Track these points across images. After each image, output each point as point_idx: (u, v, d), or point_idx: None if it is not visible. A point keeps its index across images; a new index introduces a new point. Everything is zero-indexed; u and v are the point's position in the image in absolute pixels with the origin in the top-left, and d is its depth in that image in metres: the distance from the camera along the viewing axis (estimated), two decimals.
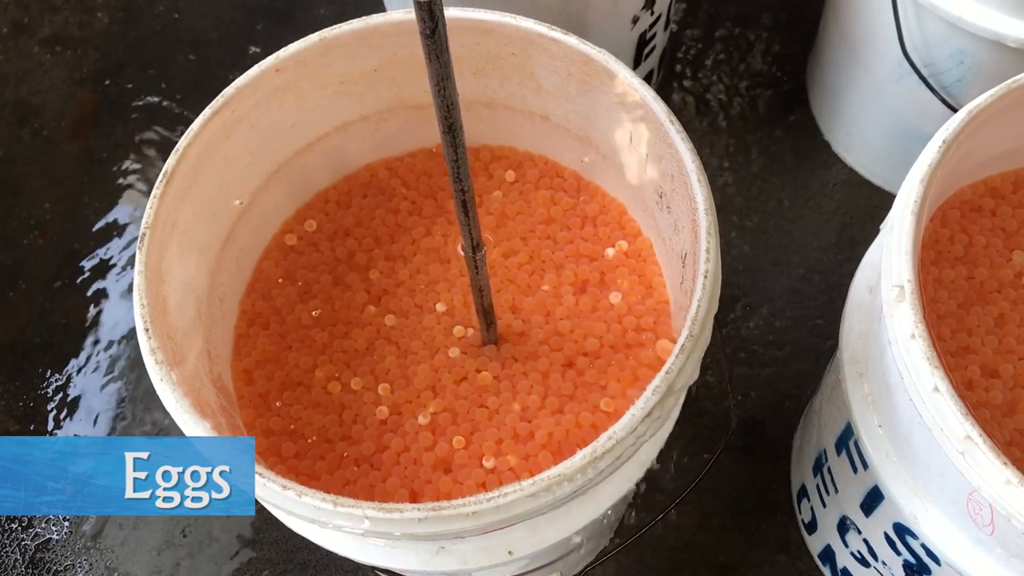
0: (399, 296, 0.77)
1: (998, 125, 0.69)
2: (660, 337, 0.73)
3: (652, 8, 1.02)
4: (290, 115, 0.74)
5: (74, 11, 1.37)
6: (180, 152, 0.66)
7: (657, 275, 0.77)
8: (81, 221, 1.20)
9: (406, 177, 0.83)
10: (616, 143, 0.75)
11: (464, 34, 0.72)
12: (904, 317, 0.59)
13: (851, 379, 0.72)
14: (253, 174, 0.75)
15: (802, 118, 1.23)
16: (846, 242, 1.15)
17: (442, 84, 0.48)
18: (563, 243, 0.79)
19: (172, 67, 1.31)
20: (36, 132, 1.28)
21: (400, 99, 0.79)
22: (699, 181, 0.63)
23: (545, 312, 0.75)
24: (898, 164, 0.97)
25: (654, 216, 0.75)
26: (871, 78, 1.05)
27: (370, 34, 0.72)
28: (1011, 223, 0.75)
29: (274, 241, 0.79)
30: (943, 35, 0.91)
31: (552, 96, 0.76)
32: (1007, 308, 0.71)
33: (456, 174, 0.55)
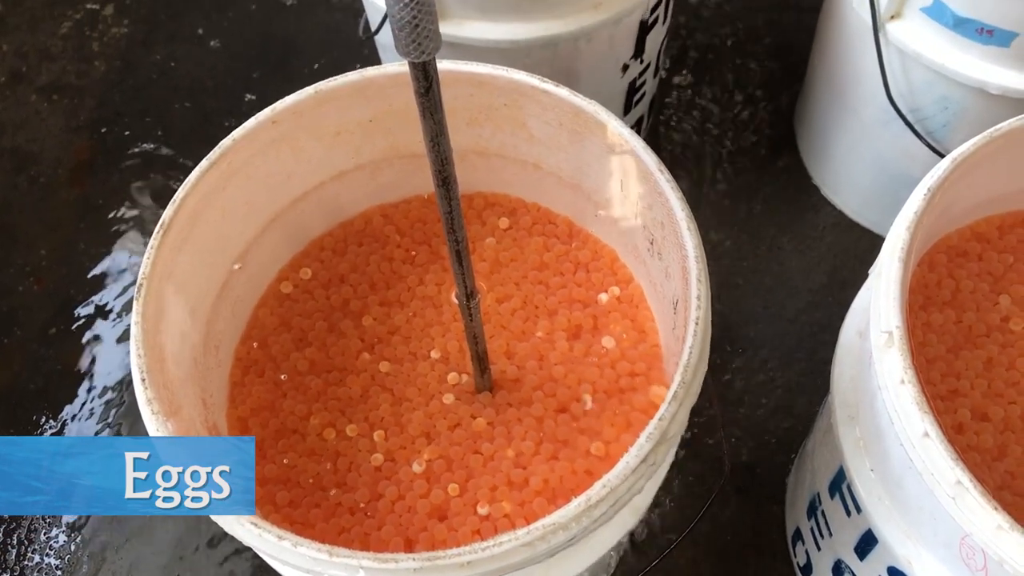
0: (393, 343, 0.77)
1: (982, 172, 0.70)
2: (653, 382, 0.74)
3: (641, 57, 1.04)
4: (286, 165, 0.75)
5: (72, 60, 1.39)
6: (177, 203, 0.67)
7: (649, 320, 0.77)
8: (77, 267, 1.21)
9: (401, 224, 0.84)
10: (607, 191, 0.76)
11: (458, 86, 0.74)
12: (893, 363, 0.60)
13: (842, 423, 0.72)
14: (249, 224, 0.75)
15: (791, 162, 1.24)
16: (836, 284, 1.16)
17: (436, 140, 0.50)
18: (556, 288, 0.80)
19: (168, 115, 1.32)
20: (33, 179, 1.29)
21: (395, 148, 0.80)
22: (688, 229, 0.64)
23: (539, 357, 0.76)
24: (886, 207, 0.98)
25: (645, 262, 0.76)
26: (858, 123, 1.07)
27: (365, 86, 0.73)
28: (997, 267, 0.76)
29: (270, 289, 0.80)
30: (927, 82, 0.93)
31: (544, 145, 0.77)
32: (995, 352, 0.72)
33: (450, 225, 0.56)
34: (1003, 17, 0.82)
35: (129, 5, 1.43)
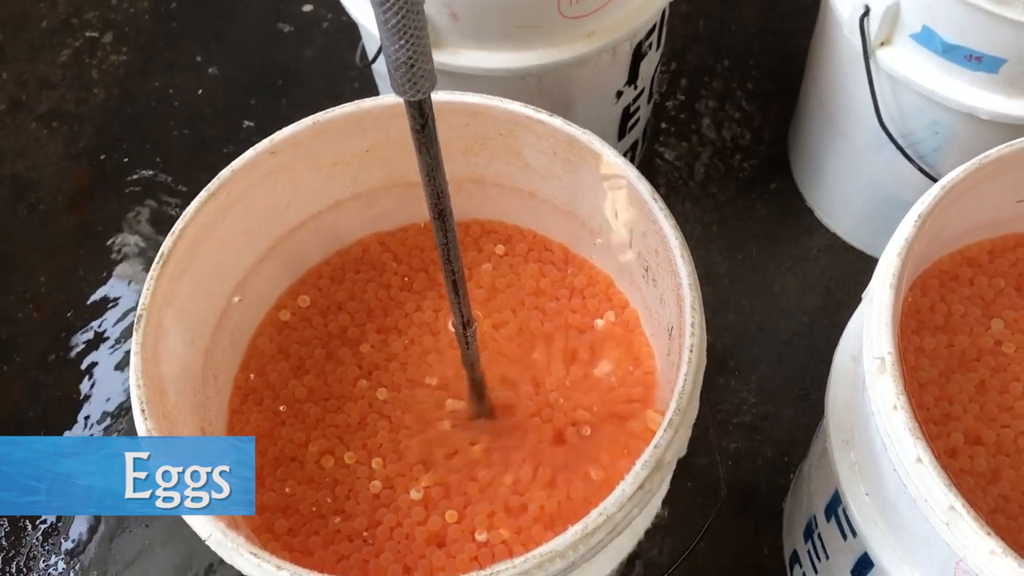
0: (391, 370, 0.78)
1: (972, 198, 0.71)
2: (649, 408, 0.74)
3: (635, 83, 1.05)
4: (284, 195, 0.76)
5: (71, 88, 1.40)
6: (176, 234, 0.68)
7: (645, 345, 0.78)
8: (76, 294, 1.21)
9: (398, 252, 0.84)
10: (602, 218, 0.77)
11: (453, 116, 0.75)
12: (886, 388, 0.61)
13: (837, 447, 0.73)
14: (248, 253, 0.76)
15: (784, 185, 1.25)
16: (831, 307, 1.16)
17: (432, 174, 0.50)
18: (552, 315, 0.80)
19: (167, 142, 1.33)
20: (32, 206, 1.29)
21: (392, 178, 0.81)
22: (682, 257, 0.65)
23: (536, 383, 0.76)
24: (880, 230, 0.99)
25: (640, 289, 0.77)
26: (850, 147, 1.08)
27: (362, 117, 0.74)
28: (988, 292, 0.77)
29: (268, 317, 0.81)
30: (918, 107, 0.94)
31: (539, 174, 0.78)
32: (987, 375, 0.73)
33: (446, 256, 0.57)
34: (991, 44, 0.83)
35: (128, 33, 1.44)
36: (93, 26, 1.45)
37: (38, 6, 1.49)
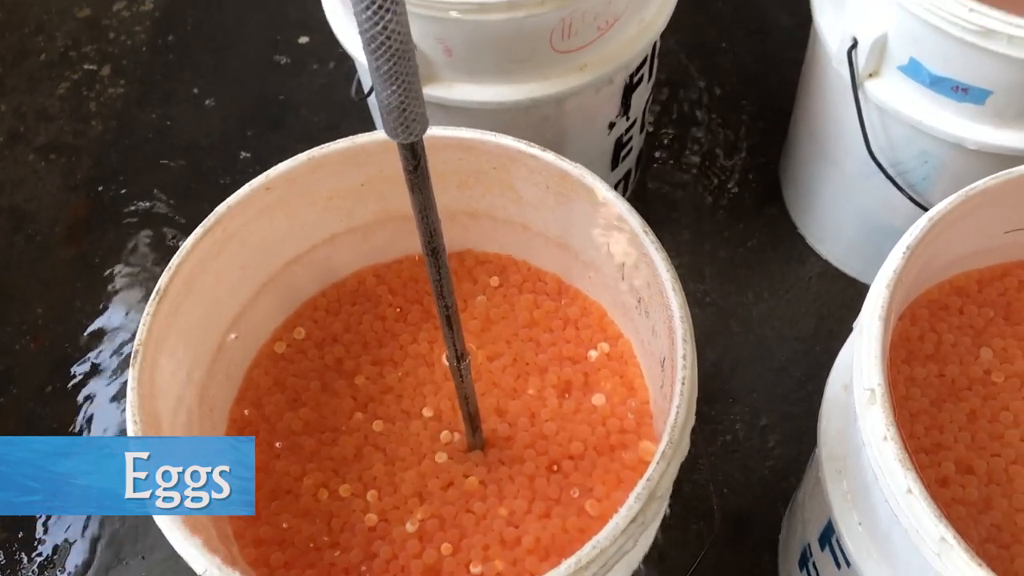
0: (386, 402, 0.78)
1: (959, 229, 0.72)
2: (643, 438, 0.75)
3: (627, 114, 1.06)
4: (280, 230, 0.77)
5: (69, 120, 1.41)
6: (173, 270, 0.69)
7: (638, 376, 0.79)
8: (73, 326, 1.22)
9: (393, 284, 0.85)
10: (594, 250, 0.77)
11: (447, 151, 0.76)
12: (876, 419, 0.61)
13: (830, 477, 0.73)
14: (244, 287, 0.77)
15: (776, 212, 1.26)
16: (823, 333, 1.17)
17: (425, 212, 0.51)
18: (546, 345, 0.81)
19: (164, 173, 1.34)
20: (30, 238, 1.30)
21: (386, 211, 0.82)
22: (674, 290, 0.66)
23: (530, 415, 0.77)
24: (871, 257, 1.00)
25: (633, 320, 0.77)
26: (840, 175, 1.09)
27: (357, 153, 0.75)
28: (978, 321, 0.77)
29: (264, 349, 0.81)
30: (906, 137, 0.95)
31: (532, 207, 0.79)
32: (978, 404, 0.73)
33: (440, 292, 0.58)
34: (977, 76, 0.84)
35: (125, 66, 1.46)
36: (91, 59, 1.47)
37: (37, 39, 1.50)
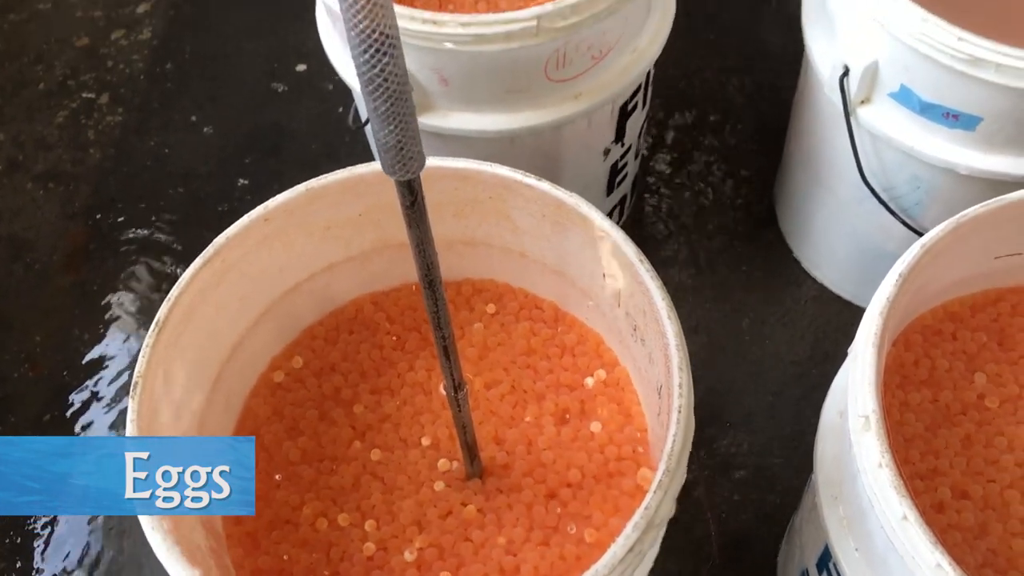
0: (384, 431, 0.78)
1: (951, 256, 0.73)
2: (641, 465, 0.75)
3: (622, 140, 1.07)
4: (278, 260, 0.77)
5: (67, 148, 1.42)
6: (172, 301, 0.69)
7: (635, 403, 0.79)
8: (71, 354, 1.22)
9: (391, 312, 0.86)
10: (590, 278, 0.78)
11: (444, 181, 0.76)
12: (871, 447, 0.62)
13: (827, 503, 0.73)
14: (242, 317, 0.77)
15: (772, 237, 1.27)
16: (820, 356, 1.18)
17: (422, 246, 0.52)
18: (543, 373, 0.81)
19: (163, 200, 1.35)
20: (28, 266, 1.31)
21: (384, 240, 0.82)
22: (669, 318, 0.66)
23: (528, 443, 0.77)
24: (866, 281, 1.01)
25: (630, 347, 0.78)
26: (834, 200, 1.10)
27: (355, 183, 0.76)
28: (971, 346, 0.78)
29: (262, 378, 0.82)
30: (898, 162, 0.96)
31: (528, 235, 0.80)
32: (973, 429, 0.74)
33: (436, 322, 0.58)
34: (967, 103, 0.85)
35: (124, 94, 1.47)
36: (89, 87, 1.48)
37: (36, 68, 1.51)
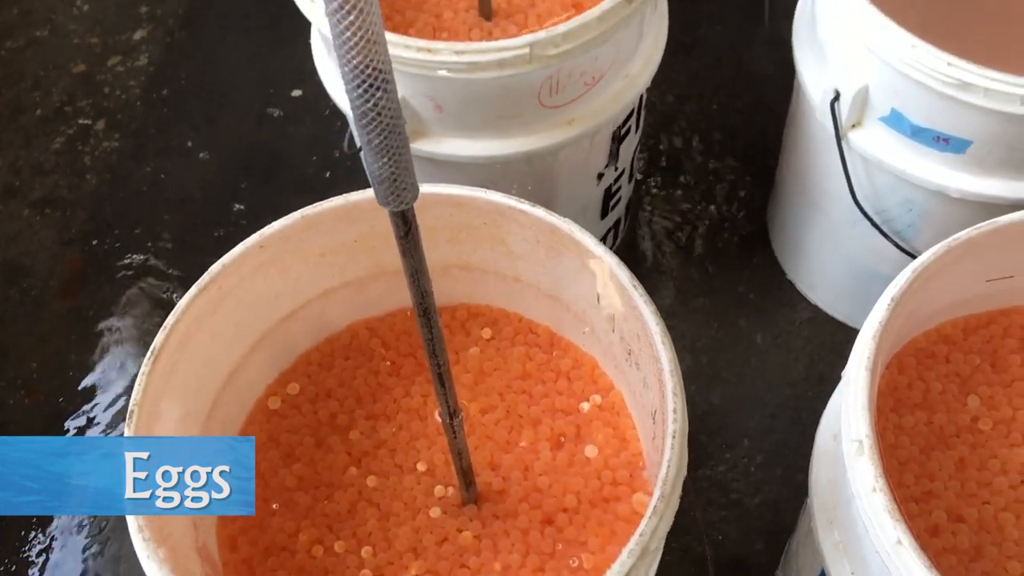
0: (380, 457, 0.79)
1: (943, 279, 0.73)
2: (636, 490, 0.75)
3: (616, 165, 1.08)
4: (274, 287, 0.78)
5: (64, 174, 1.42)
6: (168, 329, 0.69)
7: (630, 428, 0.79)
8: (67, 380, 1.22)
9: (386, 337, 0.86)
10: (584, 303, 0.78)
11: (439, 207, 0.77)
12: (865, 471, 0.62)
13: (822, 527, 0.73)
14: (238, 344, 0.78)
15: (765, 259, 1.28)
16: (815, 377, 1.18)
17: (416, 276, 0.52)
18: (539, 397, 0.81)
19: (158, 226, 1.35)
20: (25, 292, 1.31)
21: (379, 266, 0.82)
22: (663, 343, 0.67)
23: (523, 468, 0.77)
24: (860, 302, 1.01)
25: (624, 372, 0.78)
26: (827, 223, 1.10)
27: (350, 210, 0.76)
28: (964, 368, 0.78)
29: (258, 405, 0.82)
30: (890, 186, 0.96)
31: (523, 260, 0.80)
32: (966, 452, 0.74)
33: (432, 350, 0.59)
34: (957, 127, 0.86)
35: (120, 120, 1.47)
36: (86, 113, 1.49)
37: (33, 95, 1.52)
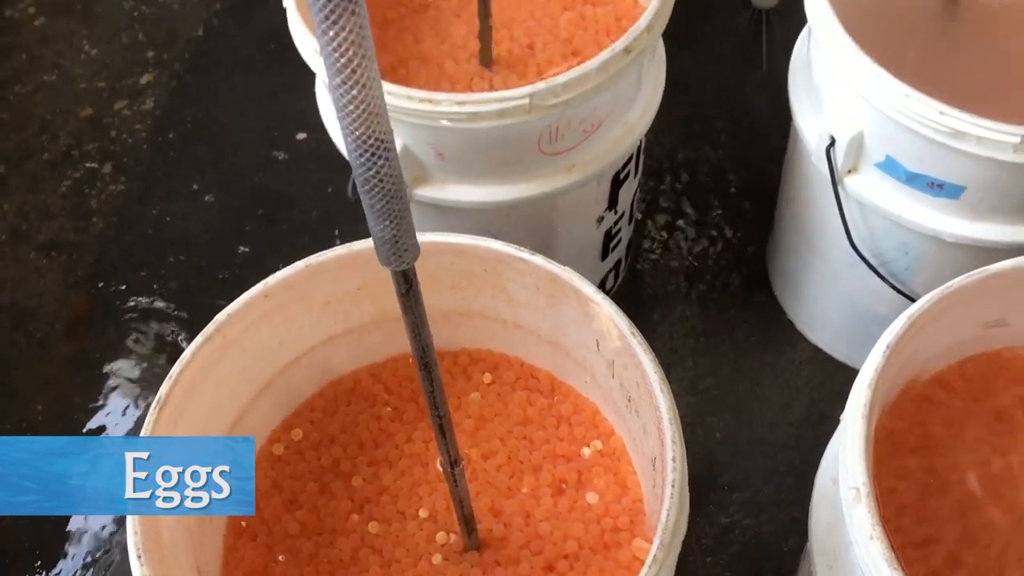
0: (382, 503, 0.79)
1: (938, 325, 0.74)
2: (636, 536, 0.76)
3: (615, 208, 1.09)
4: (278, 334, 0.79)
5: (70, 217, 1.44)
6: (173, 379, 0.70)
7: (631, 473, 0.80)
8: (72, 423, 1.23)
9: (388, 382, 0.87)
10: (585, 349, 0.79)
11: (440, 255, 0.78)
12: (862, 518, 0.62)
13: (821, 571, 0.74)
14: (242, 391, 0.79)
15: (765, 299, 1.29)
16: (815, 417, 1.18)
17: (417, 331, 0.53)
18: (540, 443, 0.82)
19: (164, 268, 1.36)
20: (30, 335, 1.32)
21: (383, 312, 0.84)
22: (662, 392, 0.68)
23: (525, 514, 0.78)
24: (859, 342, 1.02)
25: (624, 418, 0.79)
26: (825, 265, 1.11)
27: (353, 259, 0.77)
28: (962, 412, 0.79)
29: (262, 451, 0.83)
30: (887, 230, 0.98)
31: (523, 307, 0.81)
32: (965, 497, 0.75)
33: (432, 402, 0.60)
34: (950, 173, 0.87)
35: (127, 163, 1.49)
36: (93, 157, 1.50)
37: (40, 138, 1.54)
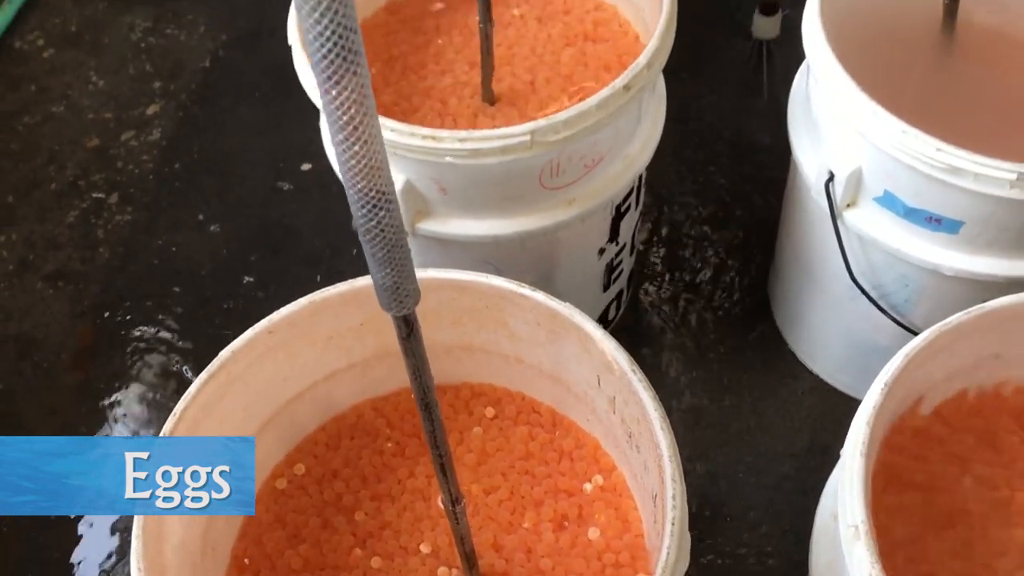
0: (385, 538, 0.80)
1: (935, 362, 0.75)
2: (638, 572, 0.76)
3: (617, 240, 1.10)
4: (282, 370, 0.80)
5: (77, 247, 1.45)
6: (177, 415, 0.71)
7: (633, 509, 0.80)
8: None
9: (391, 417, 0.87)
10: (586, 384, 0.80)
11: (442, 291, 0.79)
12: (861, 557, 0.63)
13: None
14: (246, 427, 0.79)
15: (767, 330, 1.29)
16: (818, 448, 1.19)
17: (418, 373, 0.54)
18: (541, 478, 0.83)
19: (169, 298, 1.37)
20: (36, 365, 1.33)
21: (385, 347, 0.84)
22: (662, 429, 0.68)
23: (526, 550, 0.78)
24: (859, 373, 1.02)
25: (625, 453, 0.79)
26: (826, 297, 1.12)
27: (355, 295, 0.78)
28: (961, 448, 0.79)
29: (265, 486, 0.83)
30: (886, 263, 0.98)
31: (524, 342, 0.82)
32: (965, 533, 0.75)
33: (433, 442, 0.60)
34: (948, 208, 0.88)
35: (133, 194, 1.50)
36: (99, 187, 1.52)
37: (47, 169, 1.56)
